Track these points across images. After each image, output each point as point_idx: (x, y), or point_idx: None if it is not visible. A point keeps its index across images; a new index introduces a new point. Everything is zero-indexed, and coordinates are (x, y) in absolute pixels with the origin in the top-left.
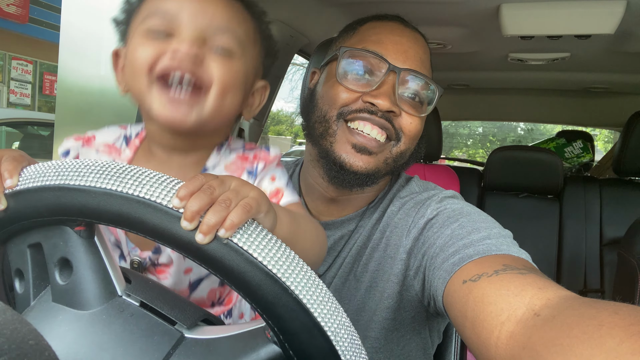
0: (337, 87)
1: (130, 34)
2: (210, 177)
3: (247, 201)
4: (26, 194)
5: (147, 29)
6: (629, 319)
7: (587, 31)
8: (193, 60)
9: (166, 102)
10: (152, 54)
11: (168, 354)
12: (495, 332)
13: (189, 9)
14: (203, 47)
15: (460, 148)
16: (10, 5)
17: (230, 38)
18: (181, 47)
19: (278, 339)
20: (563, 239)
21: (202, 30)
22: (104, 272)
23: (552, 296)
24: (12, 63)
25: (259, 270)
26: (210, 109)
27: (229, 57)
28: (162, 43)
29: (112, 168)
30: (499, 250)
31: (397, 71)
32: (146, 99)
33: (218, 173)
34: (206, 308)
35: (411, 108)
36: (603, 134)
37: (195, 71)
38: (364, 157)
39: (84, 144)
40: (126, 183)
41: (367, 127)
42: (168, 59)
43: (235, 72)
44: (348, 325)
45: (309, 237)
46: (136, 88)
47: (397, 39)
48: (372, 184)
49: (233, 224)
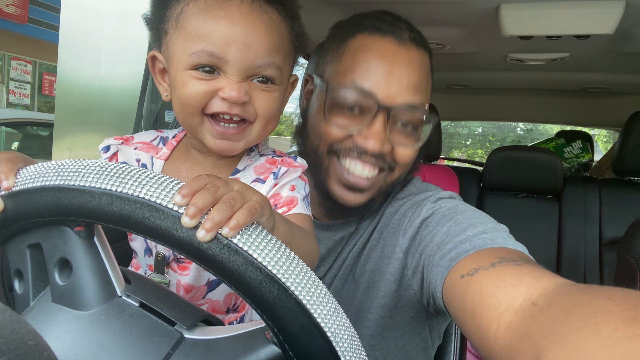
0: (326, 122)
1: (169, 52)
2: (213, 178)
3: (252, 204)
4: (26, 194)
5: (193, 64)
6: (622, 305)
7: (586, 31)
8: (242, 103)
9: (217, 136)
10: (202, 93)
11: (168, 355)
12: (494, 324)
13: (234, 46)
14: (248, 82)
15: (459, 148)
16: (10, 5)
17: (273, 69)
18: (231, 94)
19: (278, 339)
20: (562, 239)
21: (248, 68)
22: (103, 272)
23: (548, 284)
24: (11, 63)
25: (258, 271)
26: (256, 136)
27: (272, 87)
28: (210, 81)
29: (111, 168)
30: (495, 244)
31: (387, 110)
32: (198, 131)
33: (248, 174)
34: (221, 315)
35: (405, 139)
36: (602, 134)
37: (244, 111)
38: (357, 195)
39: (124, 142)
40: (126, 183)
41: (358, 167)
42: (219, 103)
43: (277, 99)
44: (348, 326)
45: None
46: (186, 121)
47: (389, 64)
48: (368, 212)
49: (238, 224)
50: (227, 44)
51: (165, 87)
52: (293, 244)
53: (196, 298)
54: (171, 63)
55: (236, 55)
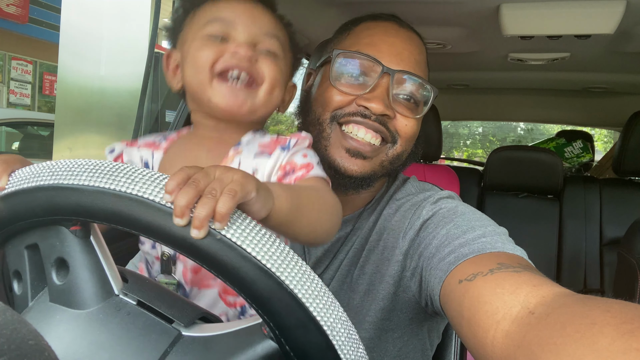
0: (330, 89)
1: (185, 38)
2: (194, 169)
3: (230, 187)
4: (21, 194)
5: (206, 34)
6: (620, 317)
7: (586, 31)
8: (248, 60)
9: (226, 93)
10: (213, 54)
11: (165, 352)
12: (491, 331)
13: (242, 18)
14: (255, 49)
15: (459, 148)
16: (10, 5)
17: (275, 42)
18: (238, 49)
19: (274, 334)
20: (563, 238)
21: (254, 35)
22: (100, 271)
23: (546, 293)
24: (11, 63)
25: (253, 265)
26: (262, 99)
27: (275, 58)
28: (221, 45)
29: (104, 167)
30: (494, 248)
31: (391, 73)
32: (207, 91)
33: (252, 148)
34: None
35: (406, 110)
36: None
37: (250, 69)
38: (359, 161)
39: (128, 145)
40: (119, 181)
41: (361, 132)
42: (228, 58)
43: (280, 70)
44: (345, 320)
45: (316, 207)
46: (197, 82)
47: (391, 40)
48: (368, 187)
49: (221, 214)
50: (236, 15)
51: (178, 79)
52: (305, 203)
53: (207, 278)
54: (185, 44)
55: (244, 23)
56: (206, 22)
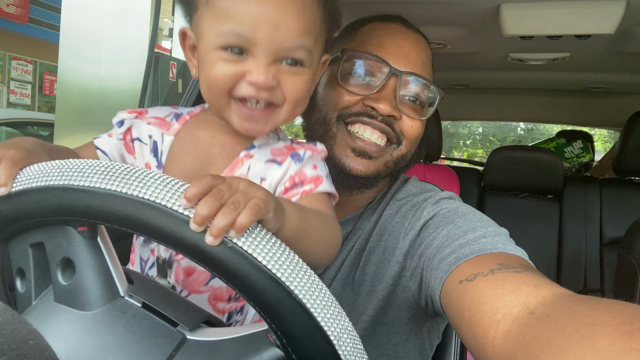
0: (337, 89)
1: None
2: (218, 180)
3: (255, 202)
4: (29, 193)
5: (222, 44)
6: (620, 318)
7: (587, 31)
8: (269, 89)
9: (245, 117)
10: (229, 79)
11: (170, 356)
12: (492, 332)
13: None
14: (277, 65)
15: (459, 148)
16: (10, 5)
17: (302, 52)
18: (258, 79)
19: (281, 342)
20: (563, 239)
21: (277, 51)
22: (106, 273)
23: (546, 294)
24: (12, 63)
25: (262, 274)
26: (284, 119)
27: (301, 68)
28: (239, 63)
29: (116, 169)
30: (495, 249)
31: (399, 74)
32: (225, 111)
33: (263, 153)
34: (222, 302)
35: (412, 111)
36: (602, 134)
37: (271, 96)
38: (364, 161)
39: (137, 116)
40: (131, 184)
41: (368, 132)
42: (246, 87)
43: (306, 82)
44: (351, 330)
45: (319, 233)
46: (213, 101)
47: (399, 41)
48: (372, 186)
49: (242, 226)
50: (256, 25)
51: (195, 63)
52: (311, 227)
53: (198, 284)
54: (200, 41)
55: (265, 37)
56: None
